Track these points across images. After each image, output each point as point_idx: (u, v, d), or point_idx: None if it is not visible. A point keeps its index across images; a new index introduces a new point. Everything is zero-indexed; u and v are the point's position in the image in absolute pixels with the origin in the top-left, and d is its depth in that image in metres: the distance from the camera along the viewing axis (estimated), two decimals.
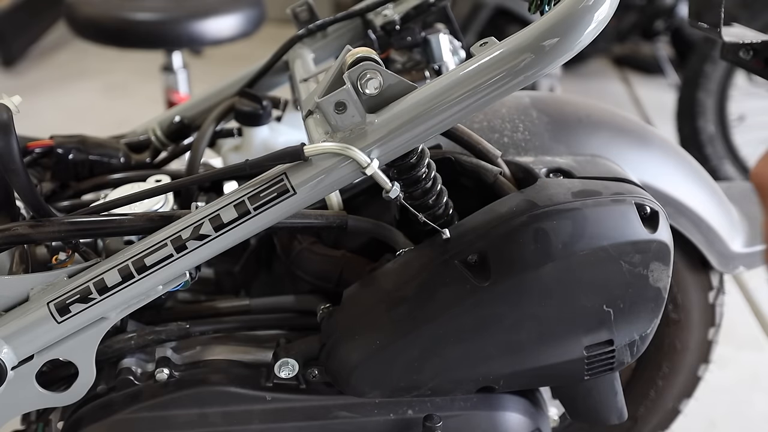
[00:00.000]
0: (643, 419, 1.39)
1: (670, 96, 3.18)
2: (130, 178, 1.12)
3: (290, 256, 1.04)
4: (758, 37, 1.06)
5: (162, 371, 0.95)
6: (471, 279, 0.86)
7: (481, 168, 0.96)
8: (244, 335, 1.04)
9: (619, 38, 3.61)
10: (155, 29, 1.97)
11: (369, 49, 0.82)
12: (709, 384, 1.42)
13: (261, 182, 0.82)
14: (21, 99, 0.84)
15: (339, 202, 1.00)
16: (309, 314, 1.01)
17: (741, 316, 2.16)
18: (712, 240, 1.20)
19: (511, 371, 0.91)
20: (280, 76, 1.22)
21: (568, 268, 0.86)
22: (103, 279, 0.83)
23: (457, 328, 0.86)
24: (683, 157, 1.20)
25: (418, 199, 0.89)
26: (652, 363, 1.33)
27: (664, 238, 0.93)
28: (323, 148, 0.78)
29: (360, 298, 0.92)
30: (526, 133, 1.06)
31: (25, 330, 0.84)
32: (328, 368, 0.93)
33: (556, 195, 0.90)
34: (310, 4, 1.22)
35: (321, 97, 0.78)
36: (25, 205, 0.93)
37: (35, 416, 1.08)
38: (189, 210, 0.86)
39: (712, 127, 2.73)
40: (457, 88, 0.79)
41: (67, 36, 3.87)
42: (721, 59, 1.08)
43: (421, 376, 0.90)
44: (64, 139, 1.13)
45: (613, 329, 0.90)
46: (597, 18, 0.78)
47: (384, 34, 1.16)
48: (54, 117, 3.34)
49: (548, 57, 0.78)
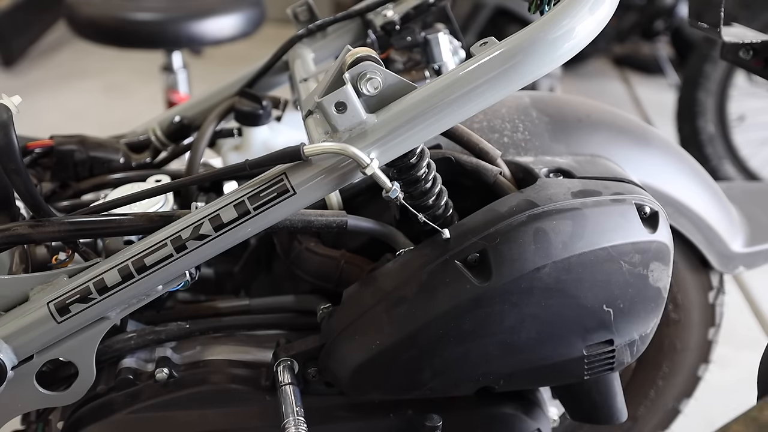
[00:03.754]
0: (643, 419, 1.39)
1: (670, 96, 3.18)
2: (130, 178, 1.12)
3: (290, 256, 1.04)
4: (758, 37, 1.06)
5: (162, 371, 0.95)
6: (471, 279, 0.86)
7: (481, 168, 0.96)
8: (244, 335, 1.04)
9: (619, 38, 3.61)
10: (155, 29, 1.97)
11: (369, 49, 0.82)
12: (709, 384, 1.42)
13: (261, 182, 0.82)
14: (21, 99, 0.84)
15: (339, 202, 1.01)
16: (309, 314, 1.01)
17: (741, 316, 2.16)
18: (712, 240, 1.20)
19: (511, 371, 0.91)
20: (280, 76, 1.22)
21: (568, 267, 0.86)
22: (103, 279, 0.83)
23: (457, 328, 0.86)
24: (683, 157, 1.20)
25: (417, 199, 0.89)
26: (652, 363, 1.33)
27: (664, 238, 0.93)
28: (323, 148, 0.78)
29: (360, 298, 0.92)
30: (526, 133, 1.06)
31: (25, 330, 0.84)
32: (328, 368, 0.93)
33: (556, 195, 0.90)
34: (310, 4, 1.22)
35: (321, 96, 0.78)
36: (25, 205, 0.93)
37: (35, 416, 1.08)
38: (189, 210, 0.86)
39: (712, 127, 2.73)
40: (457, 88, 0.79)
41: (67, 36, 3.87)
42: (721, 59, 1.08)
43: (421, 376, 0.90)
44: (64, 139, 1.13)
45: (613, 329, 0.90)
46: (597, 18, 0.78)
47: (384, 34, 1.16)
48: (54, 117, 3.35)
49: (548, 57, 0.78)
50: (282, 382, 0.91)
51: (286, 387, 0.91)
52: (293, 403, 0.89)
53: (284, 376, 0.92)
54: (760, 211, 1.35)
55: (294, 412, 0.87)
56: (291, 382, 0.91)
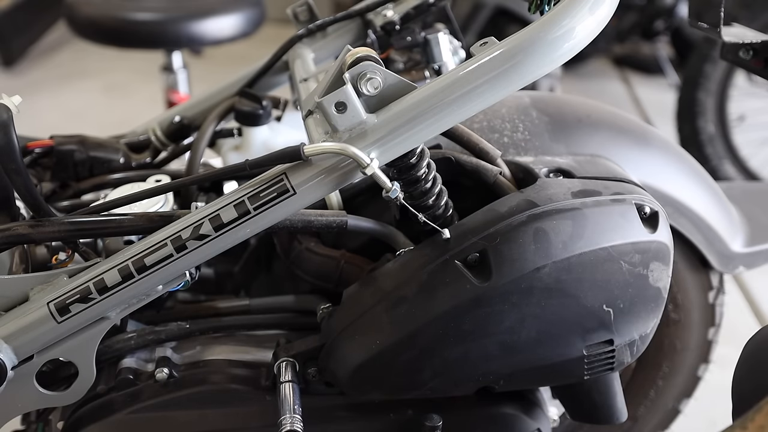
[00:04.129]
0: (643, 419, 1.39)
1: (670, 96, 3.18)
2: (130, 178, 1.12)
3: (290, 256, 1.04)
4: (758, 37, 1.06)
5: (162, 371, 0.95)
6: (471, 279, 0.86)
7: (481, 168, 0.96)
8: (244, 335, 1.04)
9: (619, 38, 3.61)
10: (155, 29, 1.97)
11: (369, 49, 0.82)
12: (709, 384, 1.42)
13: (261, 182, 0.82)
14: (21, 99, 0.84)
15: (339, 202, 1.01)
16: (309, 314, 1.01)
17: (741, 316, 2.16)
18: (712, 240, 1.20)
19: (510, 371, 0.91)
20: (280, 76, 1.22)
21: (568, 267, 0.86)
22: (103, 279, 0.83)
23: (457, 328, 0.86)
24: (683, 157, 1.20)
25: (417, 199, 0.89)
26: (652, 363, 1.33)
27: (663, 238, 0.93)
28: (323, 148, 0.78)
29: (360, 298, 0.92)
30: (526, 133, 1.06)
31: (25, 330, 0.84)
32: (328, 368, 0.93)
33: (556, 195, 0.90)
34: (310, 4, 1.22)
35: (321, 96, 0.78)
36: (25, 205, 0.93)
37: (35, 416, 1.08)
38: (189, 210, 0.86)
39: (712, 127, 2.73)
40: (457, 88, 0.79)
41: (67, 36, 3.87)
42: (721, 59, 1.09)
43: (421, 376, 0.90)
44: (64, 139, 1.13)
45: (613, 329, 0.90)
46: (597, 18, 0.78)
47: (384, 34, 1.16)
48: (54, 117, 3.35)
49: (548, 57, 0.78)
50: (282, 379, 0.91)
51: (286, 384, 0.91)
52: (291, 400, 0.89)
53: (285, 373, 0.92)
54: (760, 211, 1.35)
55: (291, 410, 0.87)
56: (291, 380, 0.91)
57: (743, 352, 0.79)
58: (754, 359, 0.77)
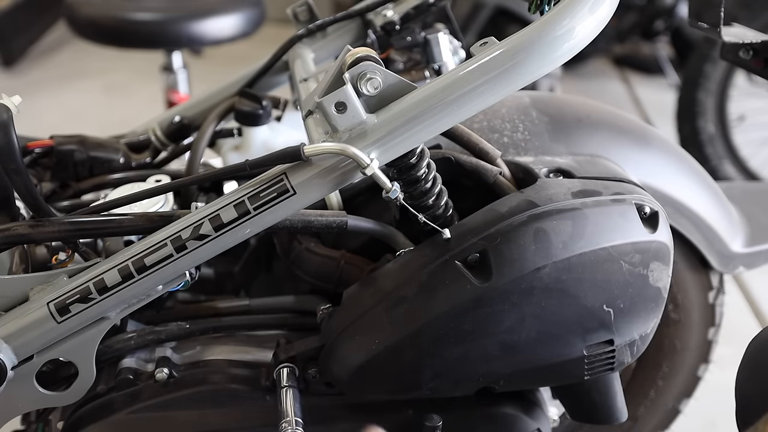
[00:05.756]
0: (643, 419, 1.39)
1: (670, 96, 3.18)
2: (130, 178, 1.12)
3: (290, 257, 1.04)
4: (758, 37, 1.06)
5: (162, 371, 0.95)
6: (471, 279, 0.86)
7: (481, 168, 0.96)
8: (244, 335, 1.04)
9: (619, 38, 3.61)
10: (155, 29, 1.97)
11: (369, 49, 0.82)
12: (709, 384, 1.42)
13: (261, 182, 0.82)
14: (21, 99, 0.84)
15: (339, 202, 1.01)
16: (309, 314, 1.01)
17: (741, 316, 2.16)
18: (712, 240, 1.20)
19: (511, 371, 0.91)
20: (280, 76, 1.22)
21: (568, 267, 0.86)
22: (103, 279, 0.83)
23: (457, 328, 0.86)
24: (683, 157, 1.20)
25: (417, 199, 0.89)
26: (652, 363, 1.33)
27: (663, 238, 0.93)
28: (323, 148, 0.78)
29: (360, 298, 0.92)
30: (526, 133, 1.06)
31: (25, 330, 0.84)
32: (328, 368, 0.93)
33: (556, 195, 0.90)
34: (310, 4, 1.22)
35: (321, 96, 0.78)
36: (25, 205, 0.93)
37: (35, 416, 1.08)
38: (189, 210, 0.86)
39: (712, 127, 2.73)
40: (457, 88, 0.79)
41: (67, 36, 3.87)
42: (721, 59, 1.09)
43: (421, 377, 0.90)
44: (64, 139, 1.13)
45: (613, 329, 0.90)
46: (597, 18, 0.78)
47: (384, 34, 1.16)
48: (54, 117, 3.35)
49: (548, 57, 0.78)
50: (282, 384, 0.91)
51: (286, 390, 0.91)
52: (292, 406, 0.89)
53: (284, 378, 0.92)
54: (760, 211, 1.35)
55: (292, 414, 0.87)
56: (291, 385, 0.91)
57: (746, 354, 0.79)
58: (756, 361, 0.77)
